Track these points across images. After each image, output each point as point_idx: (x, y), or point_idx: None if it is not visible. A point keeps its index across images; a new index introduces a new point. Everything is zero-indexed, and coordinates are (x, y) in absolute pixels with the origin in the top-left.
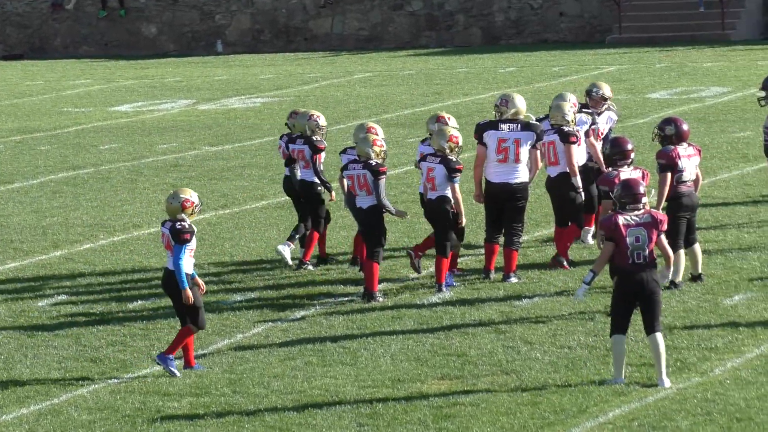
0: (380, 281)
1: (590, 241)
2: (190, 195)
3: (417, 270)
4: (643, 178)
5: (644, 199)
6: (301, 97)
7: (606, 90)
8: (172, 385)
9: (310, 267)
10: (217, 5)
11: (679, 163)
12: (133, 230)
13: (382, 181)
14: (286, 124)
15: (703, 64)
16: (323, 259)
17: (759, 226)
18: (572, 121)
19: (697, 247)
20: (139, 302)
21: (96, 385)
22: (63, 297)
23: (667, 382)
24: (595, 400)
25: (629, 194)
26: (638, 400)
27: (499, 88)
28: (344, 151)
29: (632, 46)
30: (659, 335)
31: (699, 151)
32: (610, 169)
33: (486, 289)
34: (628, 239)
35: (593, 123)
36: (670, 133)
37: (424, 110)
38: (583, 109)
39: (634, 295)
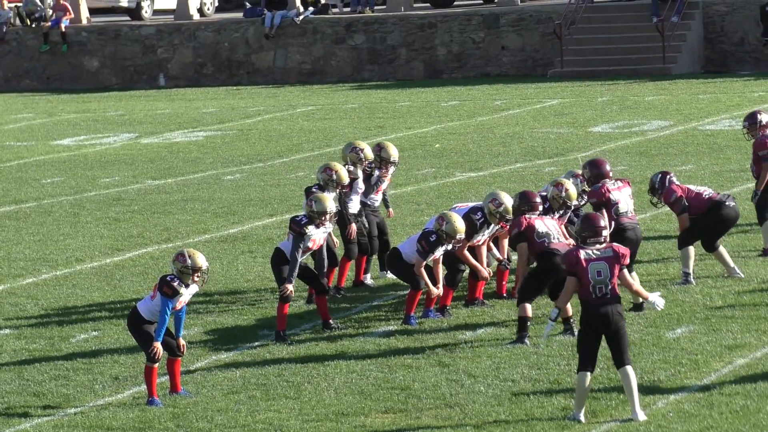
0: (329, 316)
1: None
2: (199, 258)
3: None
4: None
5: (605, 233)
6: (244, 130)
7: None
8: (115, 420)
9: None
10: (159, 39)
11: (611, 196)
12: (76, 264)
13: (293, 239)
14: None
15: (644, 98)
16: (356, 283)
17: (701, 259)
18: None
19: (635, 275)
20: (82, 336)
21: (39, 420)
22: (6, 331)
23: (641, 416)
24: None
25: (590, 228)
26: None
27: (441, 121)
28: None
29: (574, 79)
30: (629, 368)
31: (628, 182)
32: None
33: (429, 322)
34: (590, 273)
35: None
36: (587, 176)
37: (367, 144)
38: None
39: (598, 329)
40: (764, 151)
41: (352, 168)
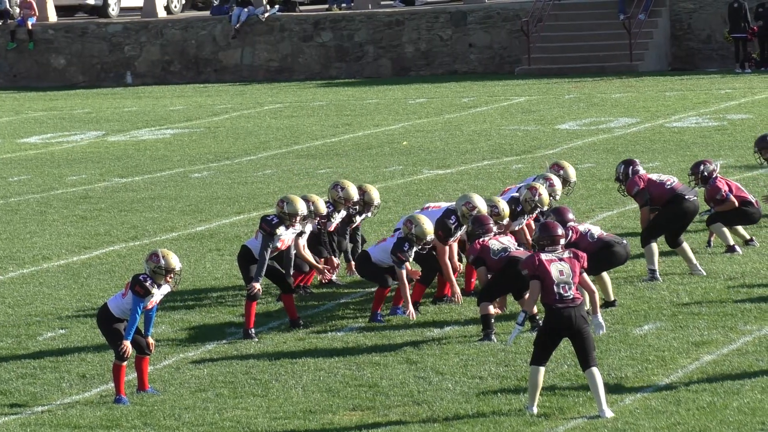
0: (296, 314)
1: None
2: (172, 259)
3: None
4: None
5: (562, 241)
6: (212, 128)
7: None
8: (83, 418)
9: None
10: (126, 36)
11: (580, 229)
12: (43, 262)
13: (262, 238)
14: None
15: (611, 95)
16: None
17: (667, 255)
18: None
19: (605, 274)
20: (49, 334)
21: (6, 418)
22: None
23: (608, 413)
24: (507, 430)
25: (548, 236)
26: (549, 430)
27: (409, 119)
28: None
29: (541, 77)
30: (595, 369)
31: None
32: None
33: (397, 319)
34: (552, 273)
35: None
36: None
37: (335, 141)
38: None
39: (561, 331)
40: (719, 195)
41: (330, 209)
